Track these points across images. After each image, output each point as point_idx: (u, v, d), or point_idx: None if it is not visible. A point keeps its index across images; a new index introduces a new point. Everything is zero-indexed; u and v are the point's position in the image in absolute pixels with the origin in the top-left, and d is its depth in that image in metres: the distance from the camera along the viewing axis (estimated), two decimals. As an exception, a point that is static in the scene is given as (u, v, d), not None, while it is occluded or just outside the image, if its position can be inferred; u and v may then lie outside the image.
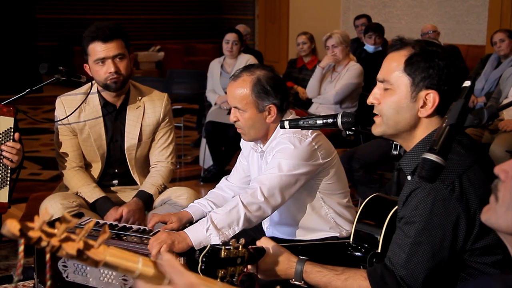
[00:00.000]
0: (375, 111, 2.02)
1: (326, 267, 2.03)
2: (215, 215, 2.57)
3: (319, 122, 2.33)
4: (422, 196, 1.82)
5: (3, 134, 3.18)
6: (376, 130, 2.03)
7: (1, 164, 3.18)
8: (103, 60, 3.17)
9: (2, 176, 3.19)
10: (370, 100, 2.02)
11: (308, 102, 5.90)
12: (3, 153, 3.15)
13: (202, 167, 6.18)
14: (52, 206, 3.09)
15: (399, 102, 1.94)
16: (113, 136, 3.36)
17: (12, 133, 3.18)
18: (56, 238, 1.15)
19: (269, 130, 2.76)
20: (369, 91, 2.07)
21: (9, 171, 3.21)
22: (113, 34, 3.17)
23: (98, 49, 3.16)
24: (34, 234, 1.13)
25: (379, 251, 2.18)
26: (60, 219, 1.17)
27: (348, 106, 5.55)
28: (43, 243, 1.14)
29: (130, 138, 3.35)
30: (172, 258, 1.27)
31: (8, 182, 3.21)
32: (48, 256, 1.17)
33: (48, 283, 1.23)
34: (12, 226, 1.11)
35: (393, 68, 1.94)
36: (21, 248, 1.15)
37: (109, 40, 3.15)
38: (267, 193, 2.59)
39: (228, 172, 3.29)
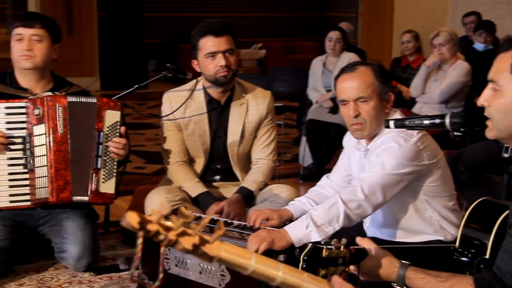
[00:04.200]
0: (485, 114, 1.93)
1: (429, 274, 1.97)
2: (315, 212, 2.55)
3: (426, 122, 2.26)
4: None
5: (110, 128, 3.30)
6: (490, 134, 1.93)
7: (108, 157, 3.30)
8: (213, 54, 3.23)
9: (109, 168, 3.31)
10: (480, 102, 1.93)
11: (412, 102, 5.76)
12: (110, 148, 3.28)
13: (301, 165, 6.17)
14: (157, 199, 3.17)
15: (508, 105, 1.84)
16: (217, 132, 3.42)
17: (118, 127, 3.30)
18: (174, 232, 1.17)
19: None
20: (477, 90, 1.98)
21: (115, 163, 3.33)
22: (224, 29, 3.24)
23: (209, 43, 3.23)
24: (152, 227, 1.15)
25: (487, 257, 2.10)
26: (177, 213, 1.18)
27: (454, 105, 5.37)
28: (161, 237, 1.16)
29: (233, 134, 3.39)
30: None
31: (114, 174, 3.33)
32: (162, 249, 1.18)
33: (161, 276, 1.25)
34: (131, 219, 1.14)
35: (502, 69, 1.85)
36: (140, 240, 1.17)
37: (220, 35, 3.22)
38: (368, 191, 2.55)
39: (327, 171, 3.26)
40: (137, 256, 1.19)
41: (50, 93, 3.35)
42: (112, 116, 3.31)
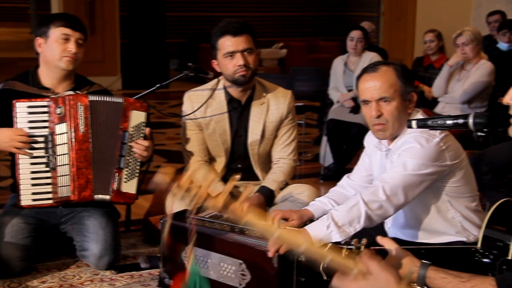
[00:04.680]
0: (510, 113, 1.90)
1: (450, 273, 1.95)
2: (336, 212, 2.55)
3: (449, 122, 2.24)
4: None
5: (135, 128, 3.32)
6: None
7: (132, 157, 3.32)
8: (232, 54, 3.24)
9: (132, 168, 3.33)
10: (507, 100, 1.91)
11: (434, 102, 5.72)
12: (134, 149, 3.30)
13: (322, 165, 6.15)
14: (178, 198, 3.18)
15: None
16: (238, 131, 3.42)
17: (143, 128, 3.32)
18: (204, 189, 1.19)
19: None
20: (501, 90, 1.96)
21: (138, 163, 3.35)
22: (242, 28, 3.24)
23: (228, 43, 3.24)
24: (184, 182, 1.18)
25: (509, 258, 2.08)
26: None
27: (477, 105, 5.32)
28: (193, 191, 1.18)
29: (254, 133, 3.40)
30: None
31: (137, 174, 3.35)
32: (193, 213, 1.20)
33: (193, 239, 1.28)
34: (165, 172, 1.18)
35: None
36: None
37: (239, 34, 3.22)
38: (389, 192, 2.54)
39: (348, 170, 3.25)
40: (171, 209, 1.22)
41: (71, 92, 3.37)
42: (137, 117, 3.33)
